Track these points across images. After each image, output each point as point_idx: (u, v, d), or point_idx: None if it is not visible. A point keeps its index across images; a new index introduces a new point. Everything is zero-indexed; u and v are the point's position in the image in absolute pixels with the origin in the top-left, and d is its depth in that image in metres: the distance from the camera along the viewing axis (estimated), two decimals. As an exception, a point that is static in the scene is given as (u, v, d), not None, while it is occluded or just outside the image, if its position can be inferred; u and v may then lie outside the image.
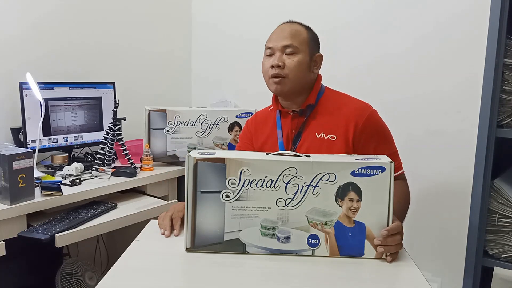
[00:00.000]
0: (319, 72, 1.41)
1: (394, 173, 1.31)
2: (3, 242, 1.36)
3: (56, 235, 1.41)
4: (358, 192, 1.01)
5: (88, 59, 2.21)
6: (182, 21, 2.70)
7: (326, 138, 1.31)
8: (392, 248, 1.02)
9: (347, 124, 1.30)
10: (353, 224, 1.02)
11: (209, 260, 1.02)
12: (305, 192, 1.02)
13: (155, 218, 1.25)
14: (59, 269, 1.87)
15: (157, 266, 1.00)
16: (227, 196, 1.03)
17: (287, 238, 1.04)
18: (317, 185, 1.01)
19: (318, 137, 1.32)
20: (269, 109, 1.50)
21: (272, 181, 1.02)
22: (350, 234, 1.03)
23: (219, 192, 1.03)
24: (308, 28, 1.38)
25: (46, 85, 1.89)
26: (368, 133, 1.30)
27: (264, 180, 1.02)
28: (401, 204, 1.26)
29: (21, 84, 1.80)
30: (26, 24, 1.94)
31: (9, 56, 1.89)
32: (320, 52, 1.40)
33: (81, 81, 2.04)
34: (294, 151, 1.33)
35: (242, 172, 1.02)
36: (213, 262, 1.02)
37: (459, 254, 1.68)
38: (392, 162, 1.01)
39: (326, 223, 1.02)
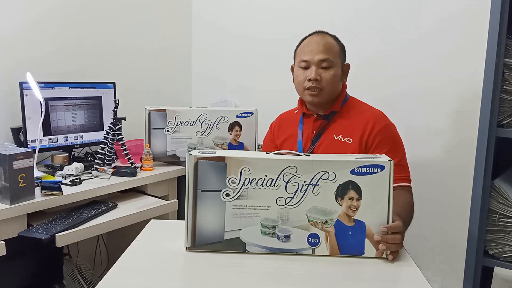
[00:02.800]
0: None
1: (400, 182, 1.32)
2: (3, 242, 1.36)
3: (56, 235, 1.41)
4: (358, 190, 1.01)
5: (88, 59, 2.21)
6: (182, 18, 2.70)
7: (343, 140, 1.38)
8: (392, 246, 1.02)
9: (364, 127, 1.37)
10: (353, 223, 1.02)
11: (209, 260, 1.02)
12: (305, 191, 1.02)
13: (155, 218, 1.25)
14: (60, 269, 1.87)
15: (157, 265, 1.00)
16: (228, 195, 1.03)
17: (287, 237, 1.04)
18: (317, 183, 1.01)
19: (336, 139, 1.39)
20: (295, 111, 1.56)
21: (272, 180, 1.02)
22: (350, 233, 1.03)
23: (220, 191, 1.03)
24: (336, 39, 1.45)
25: (46, 84, 1.89)
26: (383, 137, 1.36)
27: (264, 179, 1.02)
28: (406, 211, 1.25)
29: (21, 83, 1.80)
30: (26, 24, 1.95)
31: (9, 55, 1.89)
32: None
33: (82, 81, 2.05)
34: (312, 151, 1.40)
35: (243, 171, 1.02)
36: (213, 261, 1.02)
37: (460, 254, 1.68)
38: (391, 160, 1.01)
39: (326, 222, 1.02)
